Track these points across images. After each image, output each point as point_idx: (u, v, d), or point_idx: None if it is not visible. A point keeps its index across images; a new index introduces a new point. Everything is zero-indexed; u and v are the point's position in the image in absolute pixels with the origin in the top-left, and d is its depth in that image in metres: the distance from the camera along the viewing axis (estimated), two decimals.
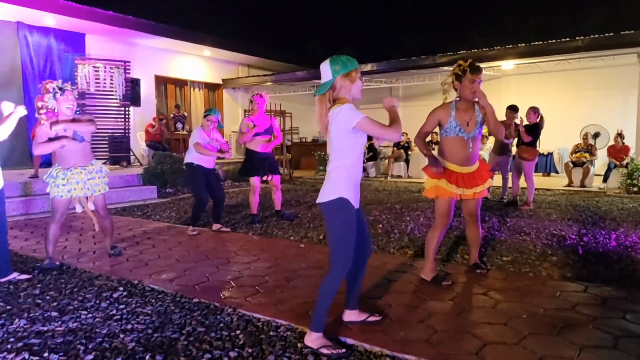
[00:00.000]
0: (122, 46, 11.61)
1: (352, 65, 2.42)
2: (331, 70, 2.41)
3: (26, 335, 2.63)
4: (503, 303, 3.11)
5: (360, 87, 2.47)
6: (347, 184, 2.44)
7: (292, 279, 3.68)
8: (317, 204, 2.51)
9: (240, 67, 15.19)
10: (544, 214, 6.51)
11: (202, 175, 5.38)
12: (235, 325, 2.79)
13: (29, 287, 3.50)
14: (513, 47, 9.82)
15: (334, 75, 2.41)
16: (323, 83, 2.44)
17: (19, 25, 9.83)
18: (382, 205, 7.47)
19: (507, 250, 4.48)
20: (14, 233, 5.49)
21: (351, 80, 2.42)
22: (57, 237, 4.11)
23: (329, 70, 2.42)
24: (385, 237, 5.15)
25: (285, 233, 5.43)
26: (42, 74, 10.20)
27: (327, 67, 2.42)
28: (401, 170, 12.63)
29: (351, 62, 2.43)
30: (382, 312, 2.93)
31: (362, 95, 10.75)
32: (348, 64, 2.41)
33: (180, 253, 4.54)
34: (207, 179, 5.43)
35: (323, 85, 2.43)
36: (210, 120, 5.43)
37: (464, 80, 3.40)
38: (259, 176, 5.95)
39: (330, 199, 2.44)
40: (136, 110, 11.57)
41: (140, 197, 8.29)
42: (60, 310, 3.01)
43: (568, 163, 9.96)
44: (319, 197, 2.50)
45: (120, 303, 3.15)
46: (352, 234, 2.46)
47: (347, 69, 2.41)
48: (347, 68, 2.41)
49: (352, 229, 2.45)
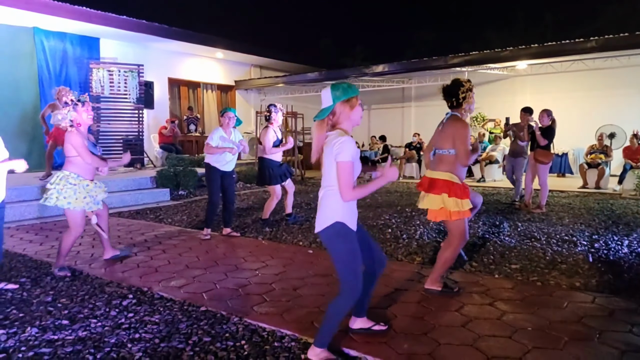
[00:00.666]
0: (135, 50, 11.77)
1: (352, 92, 2.45)
2: (332, 96, 2.43)
3: (37, 344, 2.71)
4: (509, 314, 3.09)
5: (360, 113, 2.49)
6: (340, 207, 2.42)
7: (298, 287, 3.70)
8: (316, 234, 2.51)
9: (253, 69, 15.27)
10: (556, 218, 6.44)
11: (217, 177, 5.44)
12: (240, 336, 2.83)
13: (42, 294, 3.59)
14: (526, 47, 9.71)
15: (334, 101, 2.43)
16: (323, 108, 2.45)
17: (36, 31, 10.03)
18: (393, 208, 7.46)
19: (516, 257, 4.45)
20: (29, 237, 5.62)
21: (351, 107, 2.45)
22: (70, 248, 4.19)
23: (329, 96, 2.44)
24: (394, 242, 5.15)
25: (295, 238, 5.47)
26: (58, 78, 10.40)
27: (328, 93, 2.45)
28: (413, 171, 12.58)
29: (352, 89, 2.47)
30: (388, 323, 2.94)
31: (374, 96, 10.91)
32: (349, 91, 2.44)
33: (190, 259, 4.60)
34: (222, 181, 5.49)
35: (323, 110, 2.45)
36: (227, 116, 5.46)
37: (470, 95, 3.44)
38: (280, 183, 6.04)
39: (326, 226, 2.43)
40: (150, 113, 11.73)
41: (153, 200, 8.40)
42: (71, 319, 3.09)
43: (583, 164, 9.82)
44: (316, 225, 2.49)
45: (129, 311, 3.21)
46: (356, 257, 2.46)
47: (347, 96, 2.43)
48: (347, 95, 2.43)
49: (355, 253, 2.46)
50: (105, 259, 4.54)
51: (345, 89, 2.44)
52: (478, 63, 10.83)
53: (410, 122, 15.38)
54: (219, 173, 5.43)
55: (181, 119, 13.34)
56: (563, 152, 11.70)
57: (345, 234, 2.44)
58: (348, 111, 2.44)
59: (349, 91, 2.44)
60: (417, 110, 15.35)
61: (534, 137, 7.01)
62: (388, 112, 15.86)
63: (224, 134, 5.45)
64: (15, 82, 9.83)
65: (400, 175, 12.42)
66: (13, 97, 9.74)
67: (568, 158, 11.80)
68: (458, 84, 3.47)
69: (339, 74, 13.24)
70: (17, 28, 9.82)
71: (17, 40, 9.86)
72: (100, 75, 10.27)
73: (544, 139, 6.92)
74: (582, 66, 10.82)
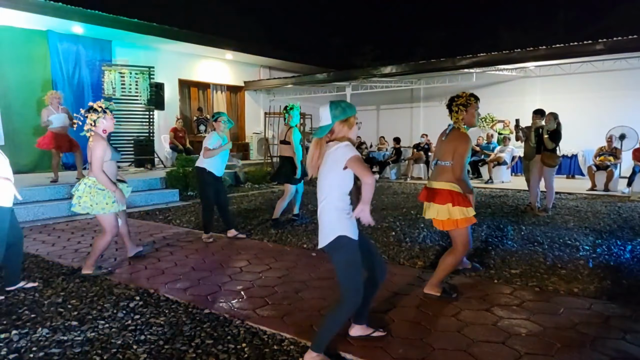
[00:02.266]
0: (146, 52, 11.96)
1: (350, 112, 2.54)
2: (331, 115, 2.52)
3: (47, 345, 2.83)
4: (505, 320, 3.15)
5: (356, 132, 2.59)
6: (339, 219, 2.50)
7: (300, 290, 3.80)
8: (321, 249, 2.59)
9: (262, 70, 15.40)
10: (562, 221, 6.45)
11: (212, 182, 5.52)
12: (242, 338, 2.93)
13: (53, 294, 3.73)
14: (534, 49, 9.69)
15: (333, 120, 2.52)
16: (322, 127, 2.53)
17: (50, 34, 10.25)
18: (398, 210, 7.51)
19: (516, 262, 4.49)
20: (41, 238, 5.79)
21: (349, 126, 2.54)
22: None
23: (328, 115, 2.52)
24: (397, 246, 5.22)
25: (299, 240, 5.56)
26: (71, 80, 10.63)
27: (327, 112, 2.53)
28: (421, 172, 12.60)
29: (350, 108, 2.55)
30: (386, 327, 3.02)
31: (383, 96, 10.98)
32: (347, 110, 2.53)
33: (196, 261, 4.72)
34: (216, 186, 5.57)
35: (322, 128, 2.53)
36: (219, 121, 5.55)
37: (470, 109, 3.51)
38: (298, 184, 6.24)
39: (329, 241, 2.51)
40: (160, 114, 11.90)
41: (162, 201, 8.56)
42: (80, 320, 3.21)
43: (591, 166, 9.77)
44: (319, 241, 2.57)
45: (135, 313, 3.33)
46: (357, 268, 2.54)
47: (345, 115, 2.52)
48: (346, 114, 2.52)
49: (356, 263, 2.53)
50: (129, 256, 4.76)
51: (344, 108, 2.53)
52: (486, 65, 10.83)
53: (419, 123, 15.39)
54: (214, 177, 5.51)
55: (191, 119, 13.52)
56: (572, 154, 11.64)
57: (346, 246, 2.51)
58: (346, 130, 2.54)
59: (348, 110, 2.53)
60: (425, 110, 15.35)
61: (541, 140, 7.02)
62: (397, 112, 15.89)
63: (220, 138, 5.54)
64: (30, 84, 10.06)
65: (409, 177, 12.46)
66: (27, 99, 9.96)
67: (577, 159, 11.74)
68: (453, 98, 3.60)
69: (348, 75, 13.31)
70: (31, 31, 10.04)
71: (32, 43, 10.09)
72: (112, 77, 10.46)
73: (551, 142, 6.92)
74: (591, 68, 10.76)
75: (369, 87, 13.81)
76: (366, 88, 13.81)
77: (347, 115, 2.53)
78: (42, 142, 7.75)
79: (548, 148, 6.96)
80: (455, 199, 3.43)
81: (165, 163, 11.84)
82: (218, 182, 5.59)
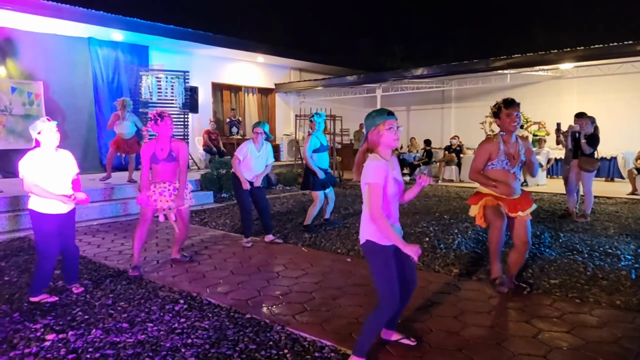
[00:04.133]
0: (182, 56, 12.29)
1: (379, 120, 2.64)
2: (365, 125, 2.71)
3: (102, 346, 3.00)
4: (545, 332, 3.14)
5: (391, 137, 2.63)
6: (372, 225, 2.60)
7: (337, 297, 3.87)
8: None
9: (292, 72, 15.56)
10: (601, 228, 6.31)
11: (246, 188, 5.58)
12: (283, 344, 3.03)
13: (103, 296, 3.92)
14: (571, 50, 9.48)
15: (366, 130, 2.70)
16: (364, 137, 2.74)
17: (91, 41, 10.66)
18: (431, 214, 7.49)
19: (555, 271, 4.44)
20: (87, 239, 6.05)
21: (379, 133, 2.64)
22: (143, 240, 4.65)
23: (364, 126, 2.71)
24: (431, 252, 5.23)
25: (333, 245, 5.63)
26: (110, 85, 11.02)
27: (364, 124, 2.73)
28: (452, 174, 12.48)
29: (380, 116, 2.65)
30: (421, 338, 3.06)
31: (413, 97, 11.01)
32: (376, 119, 2.65)
33: (235, 265, 4.86)
34: (252, 192, 5.63)
35: (363, 139, 2.73)
36: (256, 132, 5.65)
37: (502, 115, 3.71)
38: (323, 190, 6.29)
39: (362, 242, 2.70)
40: (194, 116, 12.19)
41: (198, 202, 8.73)
42: (130, 322, 3.38)
43: (632, 170, 9.47)
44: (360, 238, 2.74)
45: (181, 316, 3.48)
46: (391, 273, 2.61)
47: (374, 125, 2.64)
48: (374, 124, 2.65)
49: (389, 268, 2.61)
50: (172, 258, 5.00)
51: (373, 117, 2.67)
52: (521, 66, 10.65)
53: (450, 124, 15.25)
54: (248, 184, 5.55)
55: (224, 121, 13.79)
56: (612, 156, 11.31)
57: (378, 251, 2.62)
58: (377, 137, 2.64)
59: (377, 119, 2.65)
60: (457, 111, 15.20)
61: (578, 145, 6.87)
62: (427, 113, 15.78)
63: (255, 148, 5.60)
64: (73, 89, 10.49)
65: (440, 179, 12.37)
66: (70, 103, 10.40)
67: (617, 162, 11.40)
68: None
69: (378, 77, 13.30)
70: (74, 39, 10.47)
71: (75, 50, 10.52)
72: (149, 82, 10.79)
73: (588, 147, 6.77)
74: (631, 68, 10.42)
75: (399, 89, 13.76)
76: (397, 89, 13.76)
77: (375, 124, 2.64)
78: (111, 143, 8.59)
79: (585, 153, 6.82)
80: (473, 198, 3.96)
81: (199, 165, 12.12)
82: (254, 188, 5.64)
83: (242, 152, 5.55)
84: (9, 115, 9.50)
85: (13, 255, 5.26)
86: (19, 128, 9.54)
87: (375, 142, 2.65)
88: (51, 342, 3.04)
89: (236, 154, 5.58)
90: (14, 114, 9.57)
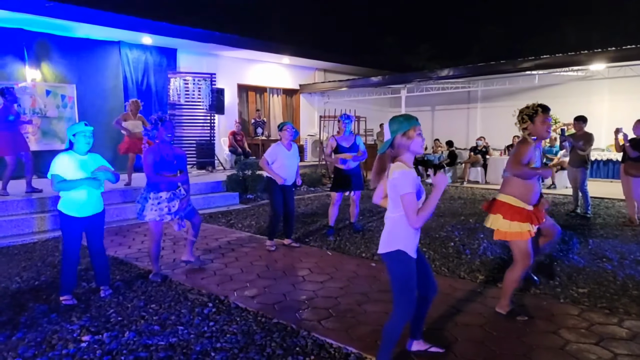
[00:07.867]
0: (208, 59, 12.51)
1: (409, 124, 2.59)
2: (390, 130, 2.62)
3: (135, 348, 3.12)
4: (572, 344, 3.11)
5: (419, 143, 2.61)
6: (405, 234, 2.58)
7: (362, 303, 3.91)
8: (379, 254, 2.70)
9: (317, 72, 15.61)
10: (632, 235, 6.16)
11: (279, 190, 5.67)
12: (309, 350, 3.09)
13: (135, 298, 4.06)
14: (602, 51, 9.24)
15: (392, 134, 2.62)
16: (385, 142, 2.66)
17: (121, 45, 10.95)
18: (456, 218, 7.44)
19: (584, 280, 4.37)
20: (118, 240, 6.25)
21: (408, 138, 2.59)
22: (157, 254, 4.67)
23: (388, 130, 2.64)
24: (456, 258, 5.21)
25: (358, 248, 5.67)
26: (140, 87, 11.30)
27: (387, 127, 2.65)
28: (478, 176, 12.34)
29: (408, 120, 2.61)
30: (448, 346, 3.07)
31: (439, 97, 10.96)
32: (405, 124, 2.59)
33: (261, 268, 4.95)
34: (283, 194, 5.74)
35: (384, 144, 2.65)
36: (284, 130, 5.67)
37: (537, 120, 3.48)
38: (341, 192, 6.36)
39: (388, 251, 2.62)
40: (220, 118, 12.39)
41: (223, 204, 8.94)
42: (162, 325, 3.49)
43: None
44: (380, 246, 2.68)
45: (210, 320, 3.57)
46: (412, 283, 2.63)
47: (404, 129, 2.59)
48: (403, 128, 2.59)
49: (411, 279, 2.62)
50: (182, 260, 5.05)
51: (401, 122, 2.61)
52: (549, 67, 10.43)
53: (476, 124, 15.05)
54: (280, 186, 5.63)
55: (249, 122, 13.96)
56: None
57: (404, 261, 2.60)
58: (406, 142, 2.60)
59: (405, 124, 2.59)
60: (483, 112, 14.98)
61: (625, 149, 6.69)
62: (453, 113, 15.60)
63: (284, 148, 5.66)
64: (104, 92, 10.80)
65: (465, 180, 12.24)
66: (102, 106, 10.70)
67: None
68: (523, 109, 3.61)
69: (403, 78, 13.24)
70: (105, 42, 10.78)
71: (106, 53, 10.83)
72: (177, 84, 11.03)
73: (633, 151, 6.58)
74: None
75: (424, 89, 13.66)
76: (421, 90, 13.67)
77: (405, 128, 2.58)
78: (121, 148, 8.37)
79: (630, 157, 6.64)
80: (508, 212, 3.47)
81: (225, 165, 12.31)
82: (286, 190, 5.70)
83: (272, 156, 5.61)
84: (44, 117, 9.86)
85: (49, 255, 5.48)
86: (53, 130, 9.91)
87: (405, 148, 2.60)
88: (87, 344, 3.17)
89: (265, 156, 5.67)
90: (49, 116, 9.93)
